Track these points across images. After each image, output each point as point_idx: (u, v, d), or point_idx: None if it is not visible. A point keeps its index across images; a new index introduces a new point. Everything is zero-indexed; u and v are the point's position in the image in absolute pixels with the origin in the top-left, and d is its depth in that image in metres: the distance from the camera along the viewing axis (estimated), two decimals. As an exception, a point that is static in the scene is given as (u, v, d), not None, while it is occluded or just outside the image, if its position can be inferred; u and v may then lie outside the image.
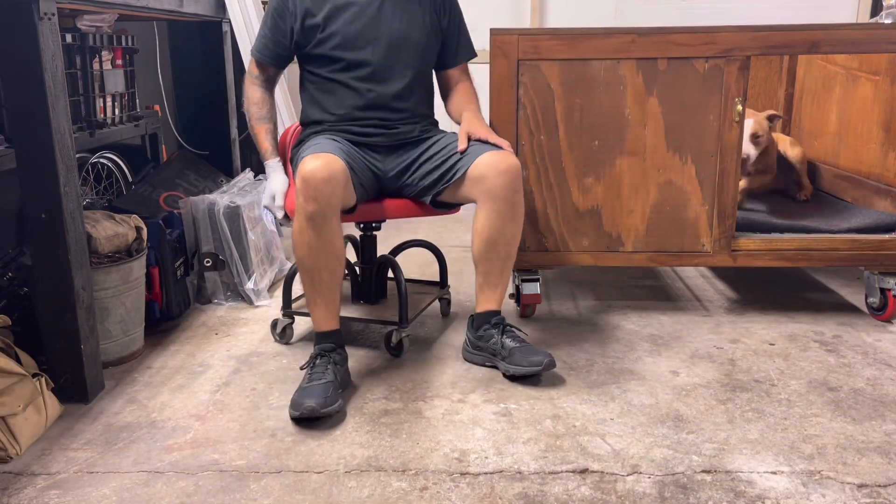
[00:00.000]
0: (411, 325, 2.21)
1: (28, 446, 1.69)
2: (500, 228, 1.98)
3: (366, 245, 2.28)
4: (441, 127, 2.22)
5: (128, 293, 2.12)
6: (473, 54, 2.24)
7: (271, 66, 2.13)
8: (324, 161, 1.80)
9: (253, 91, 2.13)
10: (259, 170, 3.21)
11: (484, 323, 2.08)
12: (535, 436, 1.72)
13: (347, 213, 1.98)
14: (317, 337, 1.93)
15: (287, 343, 2.27)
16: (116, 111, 2.74)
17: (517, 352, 1.99)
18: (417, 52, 2.10)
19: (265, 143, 2.09)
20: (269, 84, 2.16)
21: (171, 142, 3.43)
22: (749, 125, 2.64)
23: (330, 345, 1.91)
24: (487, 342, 2.06)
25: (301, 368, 1.91)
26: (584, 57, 2.24)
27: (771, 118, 2.74)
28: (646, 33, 2.21)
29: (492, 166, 1.93)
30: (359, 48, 2.04)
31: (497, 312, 2.08)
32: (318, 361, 1.87)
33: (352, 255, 2.27)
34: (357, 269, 2.32)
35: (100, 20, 2.51)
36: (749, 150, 2.68)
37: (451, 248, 3.16)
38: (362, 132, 2.06)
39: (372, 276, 2.30)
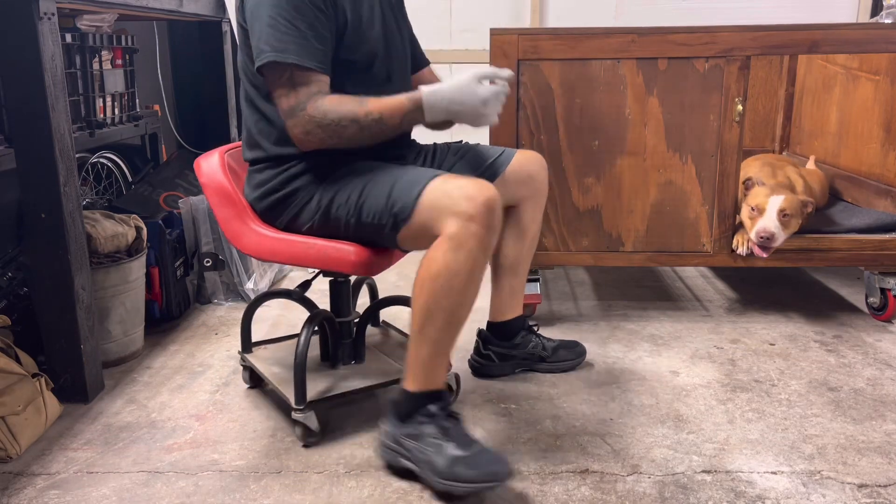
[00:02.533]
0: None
1: (28, 446, 1.69)
2: (540, 224, 1.96)
3: (341, 295, 1.86)
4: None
5: (127, 293, 2.12)
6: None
7: (324, 74, 1.52)
8: (487, 185, 1.47)
9: (326, 97, 1.50)
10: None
11: (520, 329, 2.01)
12: (535, 436, 1.72)
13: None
14: (433, 396, 1.53)
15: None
16: (116, 111, 2.74)
17: (560, 349, 2.04)
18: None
19: (394, 98, 1.50)
20: None
21: (170, 142, 3.42)
22: (778, 201, 2.27)
23: (446, 401, 1.56)
24: (525, 348, 2.01)
25: (435, 439, 1.49)
26: (584, 57, 2.23)
27: (806, 204, 2.33)
28: (646, 33, 2.21)
29: (537, 163, 1.88)
30: (386, 60, 1.68)
31: (525, 315, 2.06)
32: (448, 423, 1.51)
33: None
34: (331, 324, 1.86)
35: (99, 20, 2.51)
36: (773, 227, 2.24)
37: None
38: (397, 154, 1.75)
39: (351, 332, 1.89)
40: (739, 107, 2.24)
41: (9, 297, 2.00)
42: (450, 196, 1.44)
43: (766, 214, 2.26)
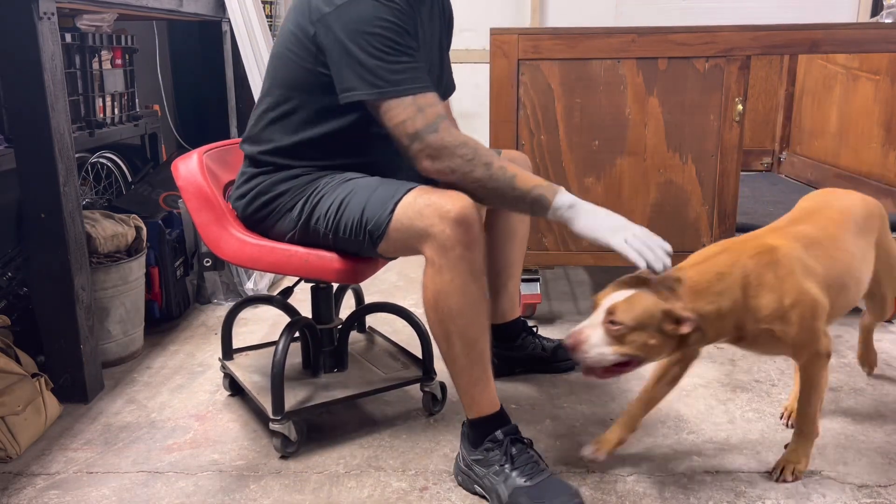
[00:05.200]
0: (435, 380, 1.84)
1: (28, 446, 1.69)
2: (528, 224, 1.94)
3: (322, 300, 1.82)
4: None
5: (127, 293, 2.12)
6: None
7: (437, 96, 1.48)
8: (461, 195, 1.40)
9: (458, 134, 1.45)
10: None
11: (520, 331, 2.01)
12: (535, 436, 1.72)
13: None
14: (493, 420, 1.49)
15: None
16: (116, 111, 2.74)
17: (560, 349, 2.02)
18: None
19: (533, 177, 1.46)
20: None
21: (170, 141, 3.42)
22: (612, 299, 1.38)
23: (514, 425, 1.51)
24: (526, 350, 2.01)
25: (501, 466, 1.45)
26: (584, 56, 2.23)
27: (674, 318, 1.33)
28: (646, 33, 2.21)
29: (521, 163, 1.84)
30: None
31: (524, 317, 2.04)
32: (515, 449, 1.46)
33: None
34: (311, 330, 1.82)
35: (99, 20, 2.51)
36: (587, 333, 1.36)
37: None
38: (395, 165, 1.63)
39: (334, 339, 1.84)
40: (739, 107, 2.24)
41: (9, 297, 2.00)
42: (422, 215, 1.40)
43: (593, 315, 1.40)
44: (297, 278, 1.77)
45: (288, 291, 1.86)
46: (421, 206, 1.40)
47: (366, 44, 1.41)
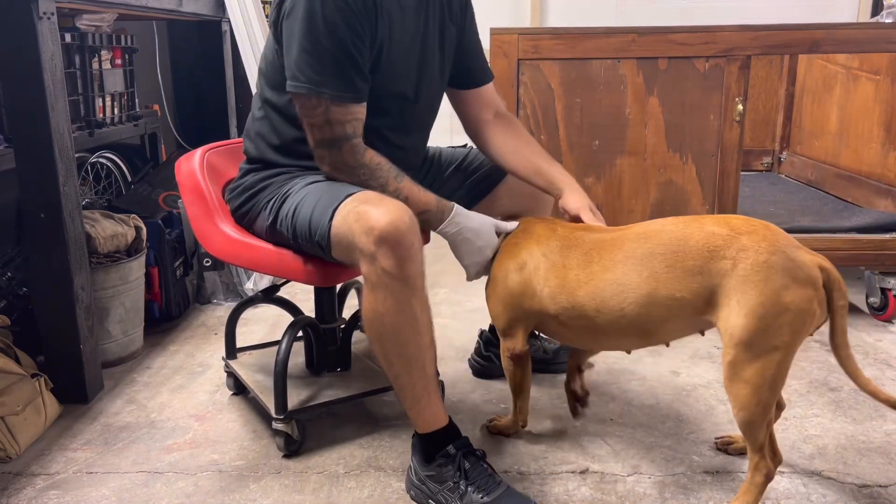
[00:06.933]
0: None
1: (27, 446, 1.68)
2: None
3: (325, 300, 1.82)
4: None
5: (127, 293, 2.12)
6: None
7: (360, 105, 1.47)
8: (395, 205, 1.35)
9: (366, 152, 1.47)
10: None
11: None
12: (536, 436, 1.72)
13: None
14: (442, 434, 1.46)
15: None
16: (116, 111, 2.73)
17: (561, 351, 2.02)
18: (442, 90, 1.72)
19: (426, 193, 1.49)
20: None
21: (170, 141, 3.42)
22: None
23: (464, 438, 1.48)
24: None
25: (456, 483, 1.42)
26: (584, 56, 2.23)
27: None
28: (646, 33, 2.21)
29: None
30: (417, 85, 1.60)
31: None
32: (468, 463, 1.43)
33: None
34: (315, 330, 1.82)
35: (99, 20, 2.50)
36: None
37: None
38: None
39: (336, 338, 1.84)
40: (740, 106, 2.24)
41: (9, 297, 2.00)
42: (351, 229, 1.35)
43: None
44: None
45: (271, 290, 1.87)
46: (351, 219, 1.36)
47: (302, 36, 1.40)
